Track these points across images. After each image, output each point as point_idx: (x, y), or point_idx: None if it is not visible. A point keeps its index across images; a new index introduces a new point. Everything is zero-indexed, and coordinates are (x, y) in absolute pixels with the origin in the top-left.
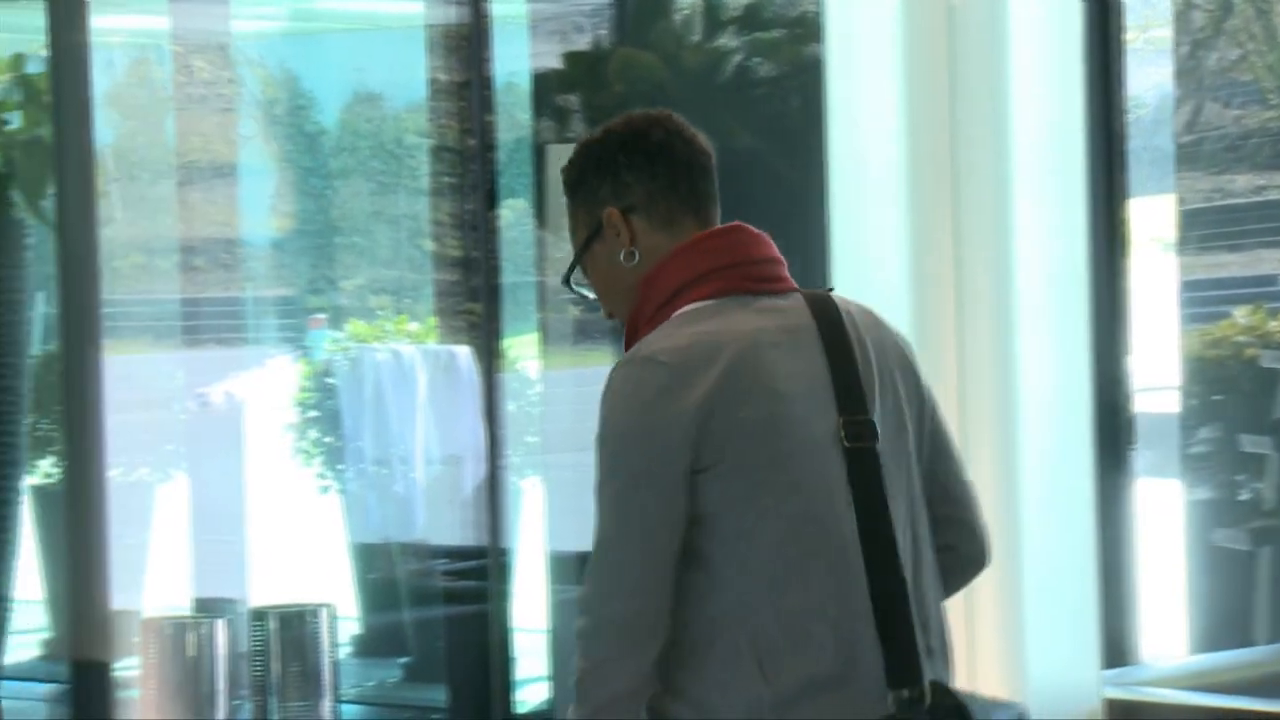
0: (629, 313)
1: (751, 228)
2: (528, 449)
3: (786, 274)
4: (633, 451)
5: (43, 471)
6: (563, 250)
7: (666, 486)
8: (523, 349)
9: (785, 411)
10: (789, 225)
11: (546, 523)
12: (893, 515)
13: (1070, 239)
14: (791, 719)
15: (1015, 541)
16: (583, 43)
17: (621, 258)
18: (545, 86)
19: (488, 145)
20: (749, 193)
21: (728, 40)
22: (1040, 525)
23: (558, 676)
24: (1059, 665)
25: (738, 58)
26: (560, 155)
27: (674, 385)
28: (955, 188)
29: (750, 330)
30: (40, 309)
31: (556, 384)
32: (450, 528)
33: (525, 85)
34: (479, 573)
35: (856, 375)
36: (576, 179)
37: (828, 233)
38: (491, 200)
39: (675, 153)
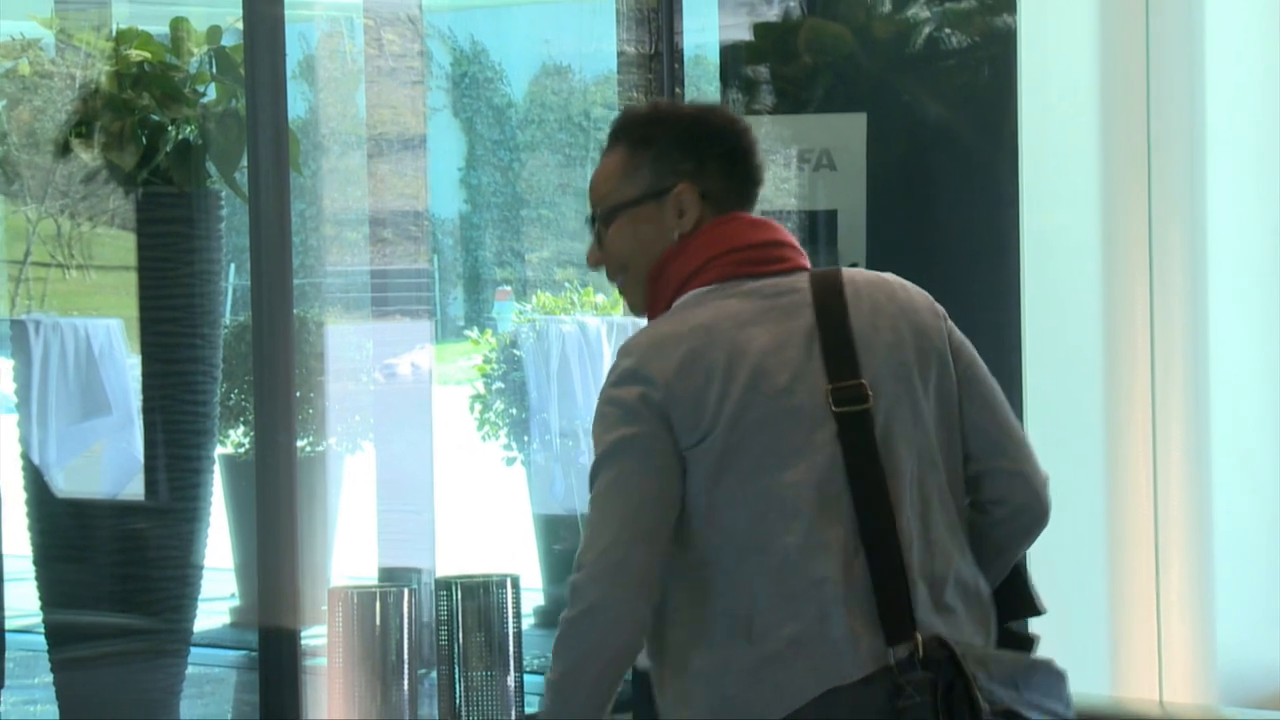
0: (645, 294)
1: (750, 215)
2: None
3: (795, 254)
4: (609, 433)
5: (233, 441)
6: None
7: (643, 462)
8: None
9: (757, 383)
10: (978, 197)
11: None
12: (890, 475)
13: (1269, 212)
14: (768, 678)
15: (1207, 529)
16: (771, 14)
17: (676, 236)
18: (733, 58)
19: None
20: (939, 165)
21: (918, 10)
22: (1233, 513)
23: None
24: (1250, 651)
25: (928, 28)
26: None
27: (639, 372)
28: (1149, 160)
29: (728, 312)
30: (233, 280)
31: None
32: None
33: (714, 57)
34: None
35: (849, 342)
36: (649, 136)
37: (1018, 204)
38: None
39: (751, 162)
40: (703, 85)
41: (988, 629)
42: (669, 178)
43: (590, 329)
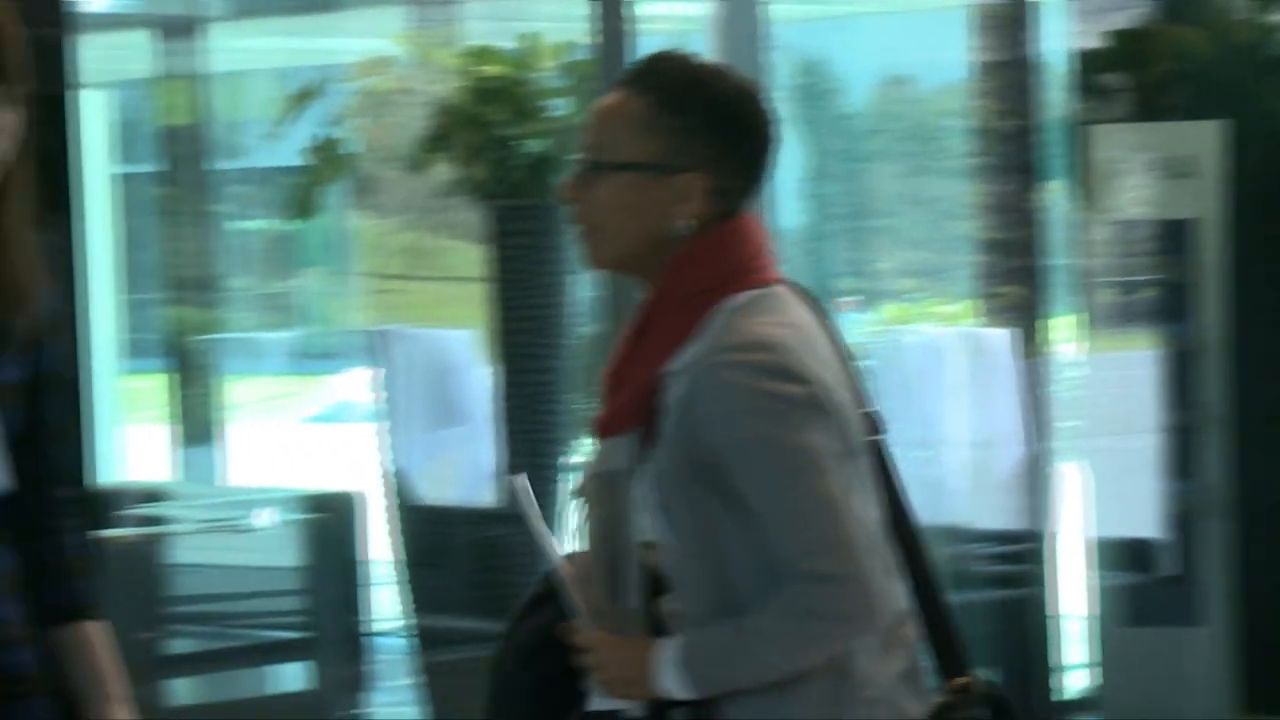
0: (616, 261)
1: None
2: (1068, 434)
3: None
4: (796, 434)
5: (583, 449)
6: (1105, 231)
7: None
8: (1063, 332)
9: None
10: None
11: (1090, 508)
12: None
13: None
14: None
15: None
16: (1125, 21)
17: (681, 225)
18: (1087, 66)
19: (1028, 126)
20: None
21: (1278, 14)
22: None
23: (1104, 664)
24: None
25: None
26: (1104, 136)
27: (793, 370)
28: None
29: (805, 321)
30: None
31: (1099, 367)
32: (987, 511)
33: (1066, 65)
34: (1019, 557)
35: (854, 362)
36: (683, 103)
37: None
38: (1032, 181)
39: (772, 161)
40: (1055, 93)
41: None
42: (684, 158)
43: (939, 339)
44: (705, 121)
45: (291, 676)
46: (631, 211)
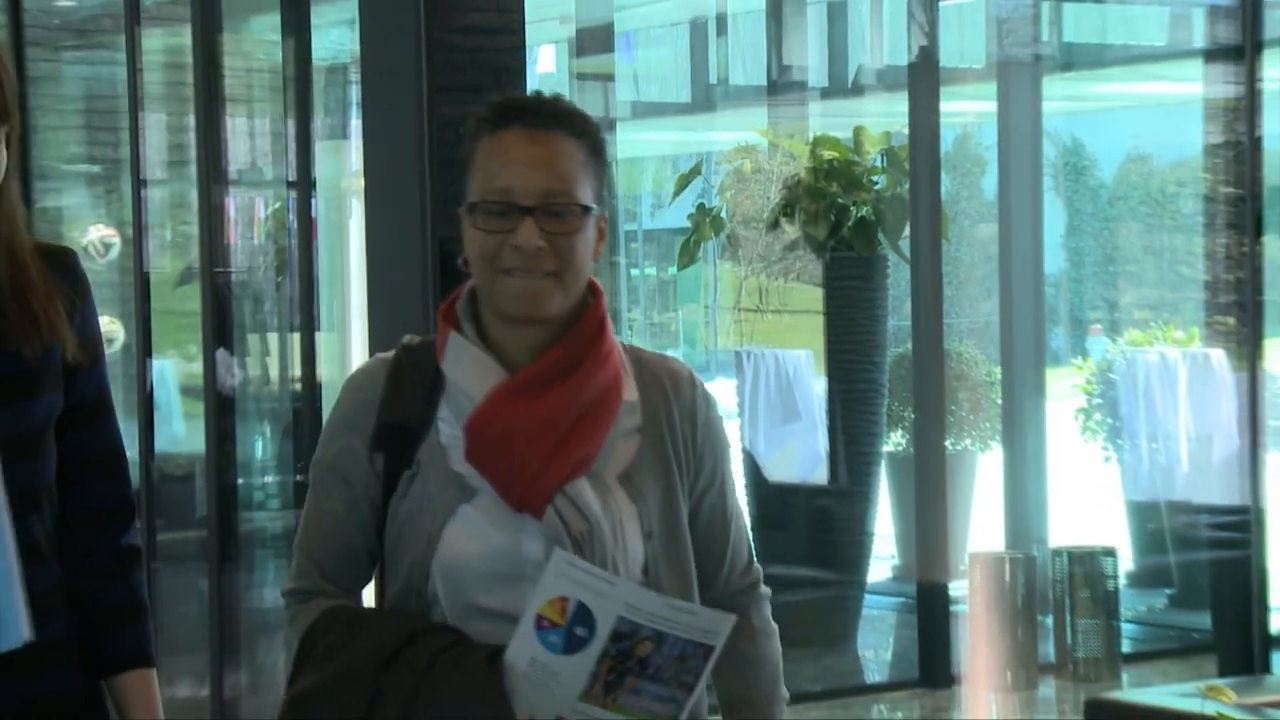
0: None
1: None
2: (1274, 430)
3: None
4: None
5: (894, 441)
6: None
7: None
8: (1272, 352)
9: None
10: None
11: None
12: None
13: None
14: None
15: None
16: None
17: (594, 257)
18: None
19: (1247, 193)
20: None
21: None
22: None
23: None
24: None
25: None
26: None
27: None
28: None
29: None
30: (893, 321)
31: None
32: (1208, 490)
33: None
34: (1235, 526)
35: None
36: (600, 149)
37: None
38: (1248, 235)
39: None
40: (1270, 168)
41: None
42: (598, 200)
43: (1169, 358)
44: (606, 167)
45: None
46: (580, 251)
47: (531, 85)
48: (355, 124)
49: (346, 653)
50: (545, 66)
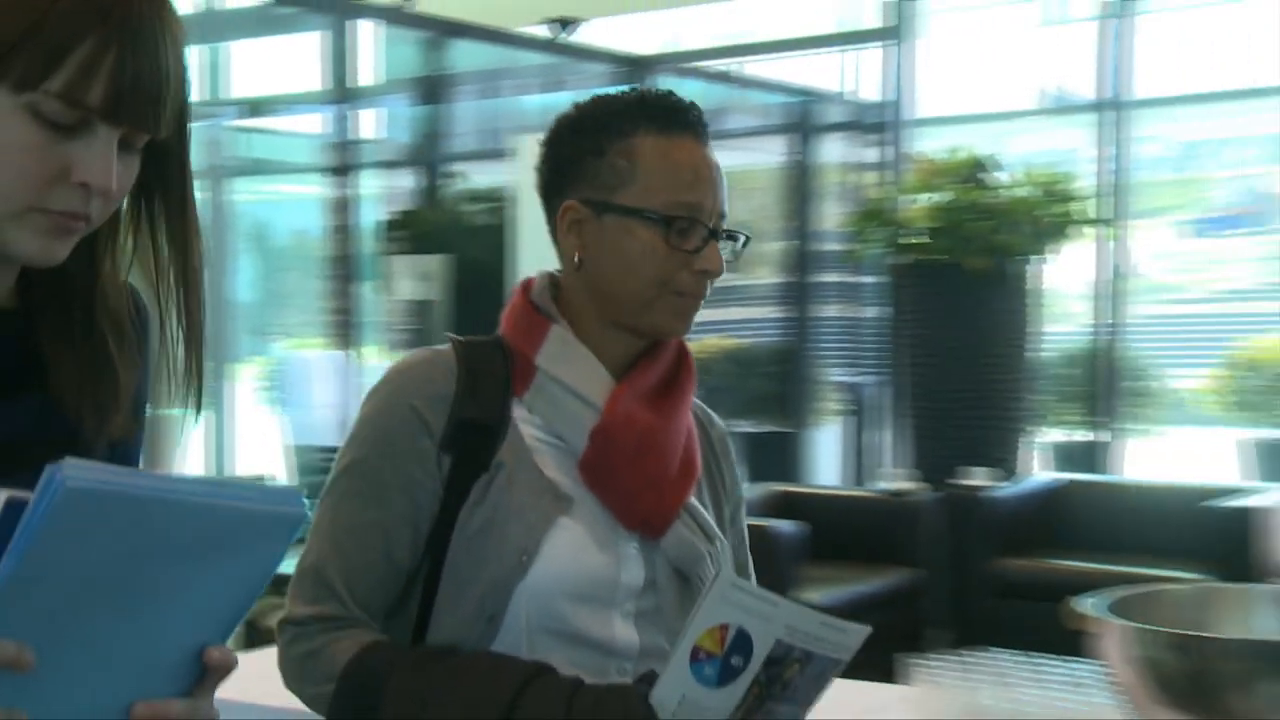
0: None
1: None
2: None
3: None
4: None
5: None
6: None
7: None
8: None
9: None
10: None
11: None
12: None
13: None
14: None
15: None
16: None
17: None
18: None
19: (350, 254)
20: None
21: None
22: None
23: None
24: None
25: None
26: None
27: None
28: None
29: None
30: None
31: None
32: None
33: None
34: None
35: None
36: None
37: None
38: (351, 280)
39: None
40: None
41: None
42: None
43: (309, 357)
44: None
45: None
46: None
47: None
48: None
49: (465, 711)
50: None
